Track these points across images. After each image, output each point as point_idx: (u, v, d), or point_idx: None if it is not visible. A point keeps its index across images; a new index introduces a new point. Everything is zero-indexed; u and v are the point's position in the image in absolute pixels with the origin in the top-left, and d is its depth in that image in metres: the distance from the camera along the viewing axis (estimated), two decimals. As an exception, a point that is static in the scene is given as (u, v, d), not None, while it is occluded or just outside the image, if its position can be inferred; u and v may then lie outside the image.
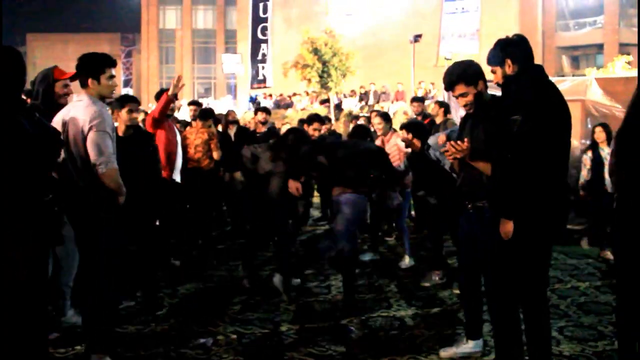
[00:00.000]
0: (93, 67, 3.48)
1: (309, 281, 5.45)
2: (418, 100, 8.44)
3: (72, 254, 3.88)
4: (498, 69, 3.12)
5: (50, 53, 39.16)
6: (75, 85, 3.75)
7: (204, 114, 6.76)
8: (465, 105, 3.42)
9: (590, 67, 21.08)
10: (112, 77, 3.53)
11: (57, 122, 3.43)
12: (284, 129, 7.86)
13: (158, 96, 5.68)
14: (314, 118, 6.53)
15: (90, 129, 3.33)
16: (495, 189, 3.03)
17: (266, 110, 8.18)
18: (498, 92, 3.31)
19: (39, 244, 2.74)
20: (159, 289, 4.91)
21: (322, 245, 4.88)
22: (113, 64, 3.53)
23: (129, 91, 39.44)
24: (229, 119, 8.19)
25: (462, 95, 3.36)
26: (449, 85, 3.41)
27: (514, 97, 3.01)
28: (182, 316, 4.50)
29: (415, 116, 7.92)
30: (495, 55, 3.13)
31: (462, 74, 3.34)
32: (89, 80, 3.46)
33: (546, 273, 3.16)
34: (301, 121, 7.93)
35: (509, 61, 3.06)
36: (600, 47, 28.72)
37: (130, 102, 4.63)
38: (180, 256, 5.97)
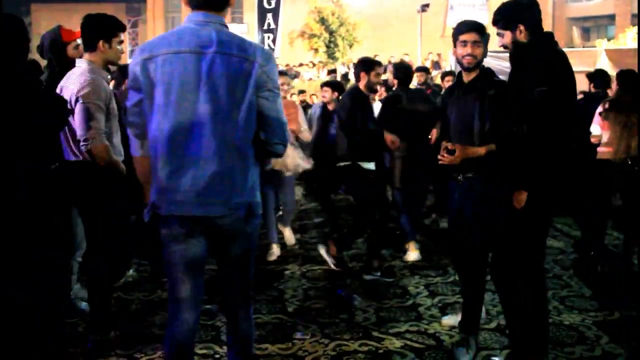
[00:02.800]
0: (107, 29, 3.21)
1: (313, 250, 5.50)
2: (422, 70, 8.32)
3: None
4: (508, 33, 2.99)
5: (55, 23, 38.40)
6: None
7: None
8: (468, 56, 3.15)
9: (601, 38, 20.72)
10: (121, 42, 3.27)
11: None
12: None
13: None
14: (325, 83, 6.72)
15: (77, 100, 3.06)
16: (511, 162, 2.96)
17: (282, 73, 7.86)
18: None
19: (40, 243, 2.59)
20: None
21: None
22: (124, 28, 3.31)
23: (135, 61, 39.20)
24: None
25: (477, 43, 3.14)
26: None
27: (534, 67, 2.89)
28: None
29: (418, 86, 7.76)
30: (506, 18, 3.00)
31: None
32: (101, 43, 3.17)
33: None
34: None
35: (521, 27, 2.93)
36: (611, 18, 28.21)
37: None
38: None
